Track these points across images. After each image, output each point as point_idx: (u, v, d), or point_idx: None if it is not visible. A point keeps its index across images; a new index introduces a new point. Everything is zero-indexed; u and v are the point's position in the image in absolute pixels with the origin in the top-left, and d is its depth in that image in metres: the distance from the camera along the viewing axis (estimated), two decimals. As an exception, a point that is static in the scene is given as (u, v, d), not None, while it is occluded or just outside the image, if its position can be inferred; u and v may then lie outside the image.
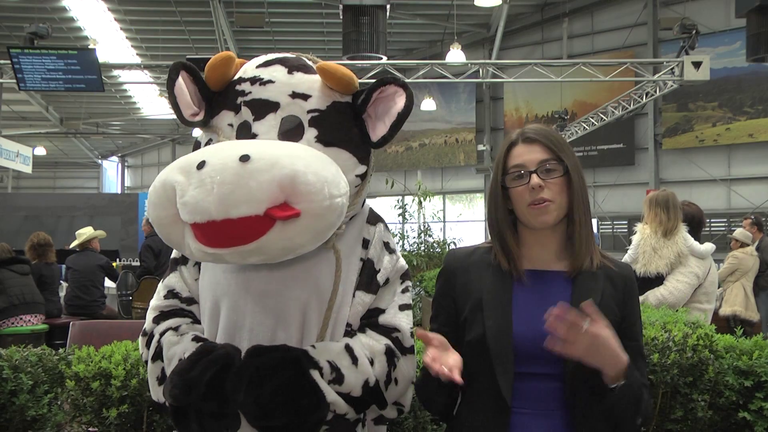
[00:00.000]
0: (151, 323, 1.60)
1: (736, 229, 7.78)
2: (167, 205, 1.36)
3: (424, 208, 7.69)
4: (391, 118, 1.53)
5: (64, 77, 11.68)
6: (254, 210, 1.28)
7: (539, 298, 1.54)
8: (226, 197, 1.27)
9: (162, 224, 1.39)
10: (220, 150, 1.38)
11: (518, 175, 1.54)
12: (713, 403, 2.29)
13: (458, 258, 1.66)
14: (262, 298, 1.50)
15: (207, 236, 1.33)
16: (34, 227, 9.82)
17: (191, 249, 1.38)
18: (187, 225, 1.35)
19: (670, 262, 4.04)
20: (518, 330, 1.49)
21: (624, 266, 1.64)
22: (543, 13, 19.03)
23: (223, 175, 1.29)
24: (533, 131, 1.58)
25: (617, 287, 1.57)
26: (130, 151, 28.60)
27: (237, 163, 1.30)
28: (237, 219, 1.28)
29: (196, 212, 1.30)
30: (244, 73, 1.58)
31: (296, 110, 1.52)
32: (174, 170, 1.38)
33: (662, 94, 14.13)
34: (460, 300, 1.59)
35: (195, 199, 1.30)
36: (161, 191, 1.37)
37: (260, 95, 1.53)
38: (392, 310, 1.58)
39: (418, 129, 21.34)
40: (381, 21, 10.48)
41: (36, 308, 5.93)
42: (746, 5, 10.51)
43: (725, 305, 7.10)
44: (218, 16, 15.57)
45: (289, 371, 1.38)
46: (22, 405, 2.44)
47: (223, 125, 1.53)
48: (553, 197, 1.52)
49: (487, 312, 1.53)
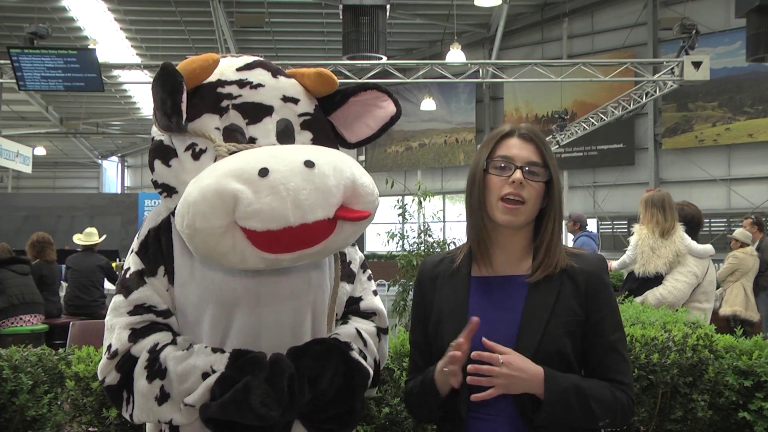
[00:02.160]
0: (125, 342, 1.45)
1: (736, 229, 7.77)
2: (222, 215, 1.30)
3: (423, 208, 7.67)
4: (378, 121, 1.60)
5: (63, 77, 11.68)
6: (327, 213, 1.32)
7: (494, 306, 1.54)
8: (302, 203, 1.30)
9: (213, 235, 1.32)
10: (275, 156, 1.36)
11: (503, 165, 1.54)
12: (713, 403, 2.29)
13: (428, 268, 1.68)
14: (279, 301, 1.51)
15: (274, 243, 1.32)
16: (34, 227, 9.81)
17: (245, 257, 1.34)
18: (240, 233, 1.32)
19: (669, 262, 4.05)
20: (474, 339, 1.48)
21: (590, 261, 1.58)
22: (543, 13, 19.03)
23: (295, 181, 1.30)
24: (530, 130, 1.58)
25: (578, 285, 1.53)
26: (130, 151, 28.60)
27: (305, 169, 1.32)
28: (312, 223, 1.31)
29: (272, 220, 1.29)
30: (223, 76, 1.53)
31: (288, 114, 1.54)
32: (227, 178, 1.31)
33: (662, 94, 14.14)
34: (428, 310, 1.62)
35: (270, 206, 1.28)
36: (217, 200, 1.30)
37: (253, 98, 1.52)
38: (369, 296, 1.68)
39: (418, 129, 21.34)
40: (381, 21, 10.48)
41: (36, 308, 5.93)
42: (746, 5, 10.52)
43: (725, 305, 7.10)
44: (218, 16, 15.57)
45: (335, 359, 1.44)
46: (22, 405, 2.44)
47: (209, 129, 1.48)
48: (528, 198, 1.52)
49: (446, 324, 1.55)
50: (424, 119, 20.57)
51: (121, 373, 1.45)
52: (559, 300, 1.51)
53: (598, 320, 1.52)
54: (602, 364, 1.51)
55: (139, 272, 1.51)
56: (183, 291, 1.51)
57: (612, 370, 1.51)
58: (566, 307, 1.50)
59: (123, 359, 1.45)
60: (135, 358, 1.44)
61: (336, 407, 1.41)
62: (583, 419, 1.45)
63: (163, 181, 1.50)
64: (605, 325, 1.53)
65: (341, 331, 1.55)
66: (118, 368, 1.46)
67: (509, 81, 14.93)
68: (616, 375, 1.50)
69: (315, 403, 1.40)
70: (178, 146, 1.49)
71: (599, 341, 1.51)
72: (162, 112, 1.41)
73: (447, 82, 15.53)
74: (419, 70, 13.80)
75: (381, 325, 1.66)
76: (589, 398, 1.44)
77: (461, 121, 21.04)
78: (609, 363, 1.51)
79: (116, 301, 1.52)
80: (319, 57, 18.31)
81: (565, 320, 1.49)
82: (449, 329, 1.52)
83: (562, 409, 1.43)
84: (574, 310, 1.51)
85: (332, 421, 1.42)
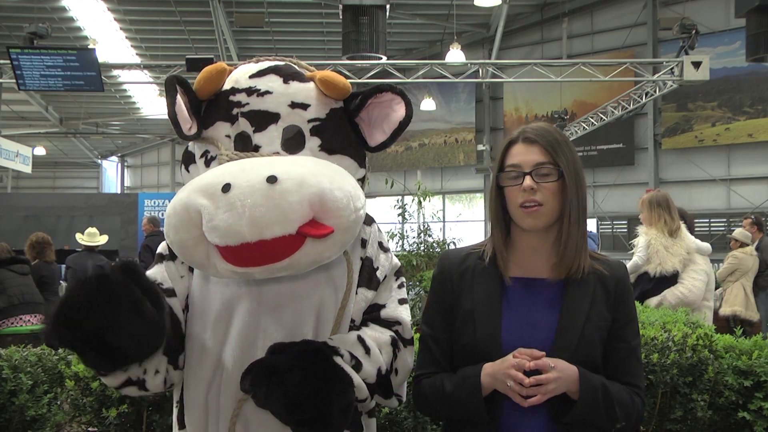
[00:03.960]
0: None
1: (736, 229, 7.77)
2: (191, 228, 1.35)
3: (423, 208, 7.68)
4: (390, 125, 1.56)
5: (63, 77, 11.68)
6: (287, 230, 1.31)
7: (528, 307, 1.54)
8: (258, 220, 1.29)
9: (185, 246, 1.38)
10: (243, 171, 1.37)
11: (514, 175, 1.54)
12: (713, 402, 2.29)
13: (453, 262, 1.66)
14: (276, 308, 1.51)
15: (237, 257, 1.33)
16: (34, 227, 9.81)
17: (218, 269, 1.37)
18: (212, 246, 1.35)
19: (683, 259, 4.12)
20: (507, 340, 1.50)
21: (616, 266, 1.61)
22: (543, 13, 19.04)
23: (253, 198, 1.31)
24: (534, 131, 1.57)
25: (609, 290, 1.55)
26: (130, 151, 28.59)
27: (265, 185, 1.32)
28: (271, 240, 1.30)
29: (229, 236, 1.30)
30: (237, 83, 1.56)
31: (297, 120, 1.54)
32: (196, 193, 1.36)
33: (662, 94, 14.13)
34: (455, 307, 1.61)
35: (227, 222, 1.30)
36: (184, 214, 1.35)
37: (259, 106, 1.53)
38: (392, 304, 1.63)
39: (418, 129, 21.34)
40: (381, 21, 10.48)
41: (36, 308, 5.92)
42: (746, 5, 10.52)
43: (725, 305, 7.10)
44: (218, 16, 15.56)
45: (311, 360, 1.39)
46: (22, 405, 2.44)
47: (220, 137, 1.52)
48: (545, 200, 1.51)
49: (478, 322, 1.54)
50: (423, 119, 20.55)
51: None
52: (594, 305, 1.52)
53: (623, 325, 1.55)
54: (621, 368, 1.54)
55: (161, 255, 1.59)
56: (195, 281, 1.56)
57: (630, 374, 1.54)
58: (599, 313, 1.52)
59: None
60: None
61: (310, 410, 1.35)
62: (605, 420, 1.48)
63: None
64: (629, 330, 1.56)
65: (336, 336, 1.52)
66: None
67: (509, 81, 14.92)
68: (633, 379, 1.54)
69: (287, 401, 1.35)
70: (197, 153, 1.57)
71: (622, 345, 1.54)
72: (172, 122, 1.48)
73: (447, 82, 15.52)
74: (419, 70, 13.79)
75: (404, 336, 1.61)
76: (614, 401, 1.48)
77: (461, 121, 21.04)
78: (628, 367, 1.54)
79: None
80: (318, 57, 18.30)
81: (598, 325, 1.51)
82: (481, 328, 1.52)
83: (591, 408, 1.45)
84: (604, 315, 1.53)
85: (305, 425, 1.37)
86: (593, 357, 1.50)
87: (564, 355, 1.46)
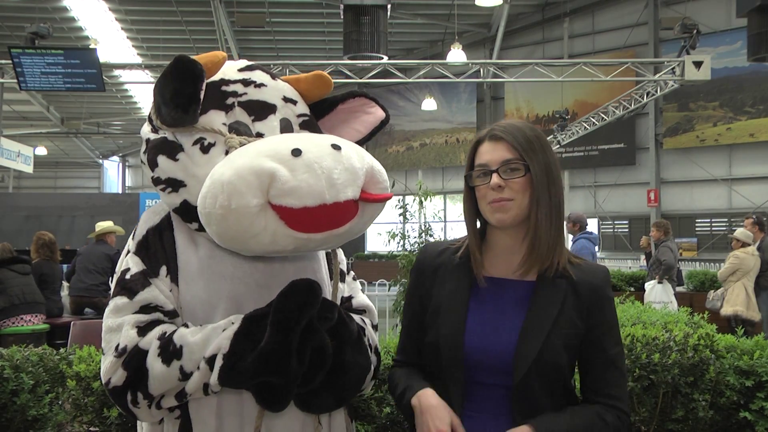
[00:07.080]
0: (134, 337, 1.41)
1: (737, 229, 7.76)
2: (258, 193, 1.31)
3: (424, 207, 7.67)
4: (367, 125, 1.66)
5: (64, 77, 11.70)
6: (356, 194, 1.35)
7: (494, 309, 1.52)
8: (336, 182, 1.32)
9: (248, 213, 1.31)
10: (306, 139, 1.41)
11: (482, 173, 1.51)
12: (714, 402, 2.29)
13: (429, 255, 1.64)
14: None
15: (304, 222, 1.33)
16: (35, 227, 9.84)
17: (276, 237, 1.34)
18: (271, 212, 1.32)
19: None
20: (469, 341, 1.48)
21: (594, 272, 1.55)
22: (544, 13, 19.05)
23: (326, 161, 1.34)
24: (501, 129, 1.52)
25: (581, 297, 1.50)
26: (131, 151, 28.62)
27: (333, 151, 1.36)
28: (343, 202, 1.33)
29: (309, 196, 1.30)
30: (226, 75, 1.58)
31: (288, 114, 1.59)
32: (262, 158, 1.33)
33: (663, 94, 14.14)
34: (425, 300, 1.60)
35: (308, 183, 1.30)
36: (253, 179, 1.30)
37: (257, 97, 1.56)
38: (358, 293, 1.73)
39: (419, 129, 21.36)
40: (382, 21, 10.49)
41: (37, 308, 5.92)
42: (747, 5, 10.52)
43: (726, 305, 7.10)
44: (219, 16, 15.58)
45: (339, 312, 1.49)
46: (23, 405, 2.44)
47: (217, 124, 1.52)
48: (514, 196, 1.47)
49: (442, 320, 1.52)
50: (425, 119, 20.58)
51: (128, 370, 1.41)
52: (562, 312, 1.48)
53: (599, 335, 1.50)
54: (601, 379, 1.51)
55: (142, 272, 1.48)
56: (190, 289, 1.49)
57: (610, 384, 1.50)
58: (568, 320, 1.48)
59: (131, 354, 1.41)
60: (144, 351, 1.41)
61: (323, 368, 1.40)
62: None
63: (169, 176, 1.50)
64: (606, 339, 1.51)
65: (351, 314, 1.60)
66: (125, 365, 1.41)
67: (510, 81, 14.92)
68: (613, 390, 1.50)
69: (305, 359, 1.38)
70: (185, 141, 1.51)
71: (599, 355, 1.50)
72: (174, 105, 1.43)
73: (448, 82, 15.52)
74: (420, 70, 13.80)
75: (373, 321, 1.70)
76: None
77: (462, 121, 21.05)
78: (608, 378, 1.50)
79: (119, 303, 1.45)
80: (319, 57, 18.31)
81: (566, 332, 1.47)
82: (444, 326, 1.51)
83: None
84: (575, 323, 1.49)
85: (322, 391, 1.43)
86: (558, 363, 1.46)
87: (526, 361, 1.43)
